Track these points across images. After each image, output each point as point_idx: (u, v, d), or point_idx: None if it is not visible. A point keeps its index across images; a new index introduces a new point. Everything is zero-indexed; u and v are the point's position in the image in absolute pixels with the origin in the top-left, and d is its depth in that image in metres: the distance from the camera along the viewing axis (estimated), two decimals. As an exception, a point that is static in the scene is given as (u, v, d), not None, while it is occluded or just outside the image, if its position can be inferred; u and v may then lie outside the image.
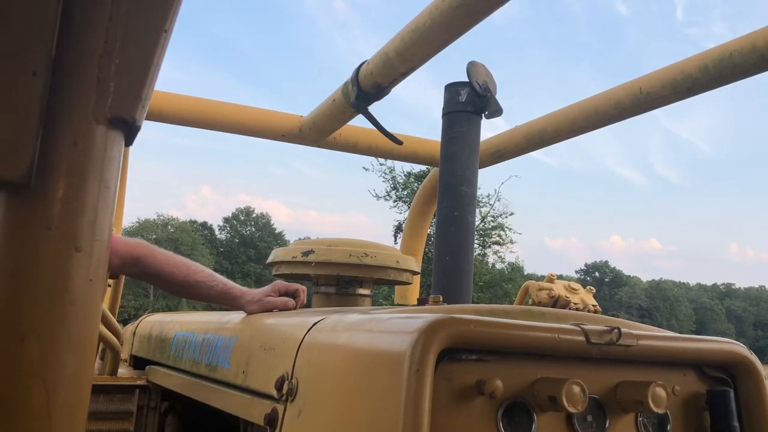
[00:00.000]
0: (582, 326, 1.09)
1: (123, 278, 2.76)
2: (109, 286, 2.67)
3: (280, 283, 1.78)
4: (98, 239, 0.70)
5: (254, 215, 63.92)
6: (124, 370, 2.36)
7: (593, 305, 2.35)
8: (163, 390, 2.15)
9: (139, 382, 2.22)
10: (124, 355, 2.44)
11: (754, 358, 1.24)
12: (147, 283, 1.92)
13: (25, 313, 0.66)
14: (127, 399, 2.20)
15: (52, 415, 0.67)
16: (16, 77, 0.64)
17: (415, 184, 23.48)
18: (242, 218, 63.41)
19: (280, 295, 1.73)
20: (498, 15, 2.16)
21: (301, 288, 1.77)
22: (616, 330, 1.10)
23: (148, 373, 2.21)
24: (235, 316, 1.76)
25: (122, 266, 1.79)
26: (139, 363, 2.41)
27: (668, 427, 1.17)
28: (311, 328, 1.27)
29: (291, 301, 1.72)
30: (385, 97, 2.77)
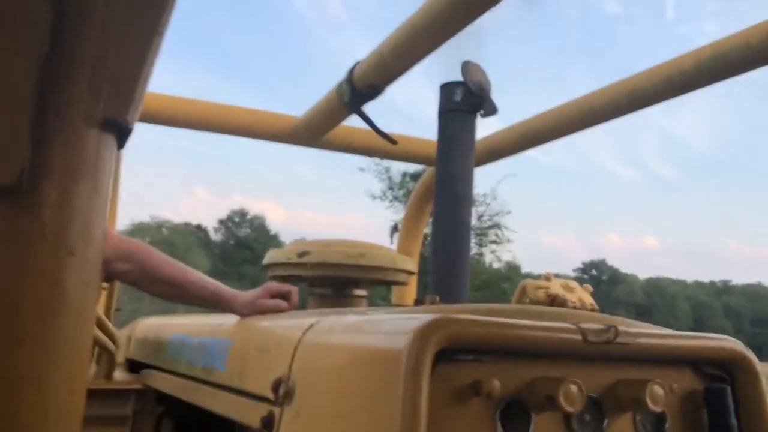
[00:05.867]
0: (579, 325, 1.09)
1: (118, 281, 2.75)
2: (104, 289, 2.67)
3: (271, 285, 1.77)
4: (92, 243, 0.70)
5: (249, 217, 63.90)
6: (120, 374, 2.35)
7: (590, 304, 2.35)
8: (159, 394, 2.14)
9: (134, 386, 2.21)
10: (120, 359, 2.43)
11: (750, 355, 1.24)
12: (136, 287, 1.89)
13: (19, 319, 0.65)
14: (122, 403, 2.19)
15: (46, 421, 0.67)
16: (7, 81, 0.63)
17: (411, 183, 23.48)
18: (237, 220, 63.33)
19: (272, 297, 1.72)
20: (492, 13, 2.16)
21: (293, 289, 1.76)
22: (613, 328, 1.10)
23: (144, 376, 2.20)
24: (231, 319, 1.76)
25: (116, 259, 1.75)
26: (135, 367, 2.41)
27: (666, 425, 1.17)
28: (307, 329, 1.27)
29: (284, 303, 1.71)
30: (380, 97, 2.77)
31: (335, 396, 1.09)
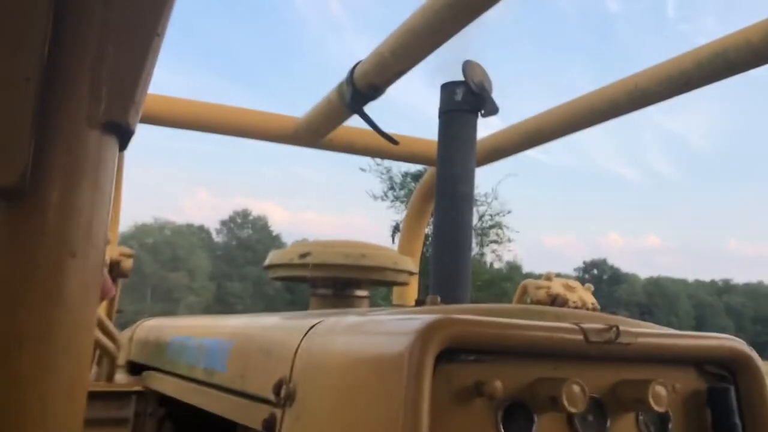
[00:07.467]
0: (581, 325, 1.09)
1: (120, 282, 2.75)
2: (106, 290, 2.66)
3: None
4: (93, 245, 0.70)
5: (251, 218, 64.00)
6: (121, 376, 2.35)
7: (592, 303, 2.35)
8: (161, 396, 2.14)
9: (136, 388, 2.21)
10: (121, 360, 2.43)
11: (753, 354, 1.24)
12: None
13: (21, 320, 0.65)
14: (124, 405, 2.18)
15: (47, 423, 0.66)
16: (9, 83, 0.63)
17: (412, 184, 23.47)
18: (239, 221, 63.45)
19: None
20: (492, 13, 2.16)
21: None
22: (614, 328, 1.10)
23: (145, 378, 2.20)
24: (232, 321, 1.76)
25: None
26: (136, 369, 2.40)
27: (669, 426, 1.17)
28: (309, 330, 1.26)
29: None
30: (381, 97, 2.77)
31: (337, 397, 1.09)
